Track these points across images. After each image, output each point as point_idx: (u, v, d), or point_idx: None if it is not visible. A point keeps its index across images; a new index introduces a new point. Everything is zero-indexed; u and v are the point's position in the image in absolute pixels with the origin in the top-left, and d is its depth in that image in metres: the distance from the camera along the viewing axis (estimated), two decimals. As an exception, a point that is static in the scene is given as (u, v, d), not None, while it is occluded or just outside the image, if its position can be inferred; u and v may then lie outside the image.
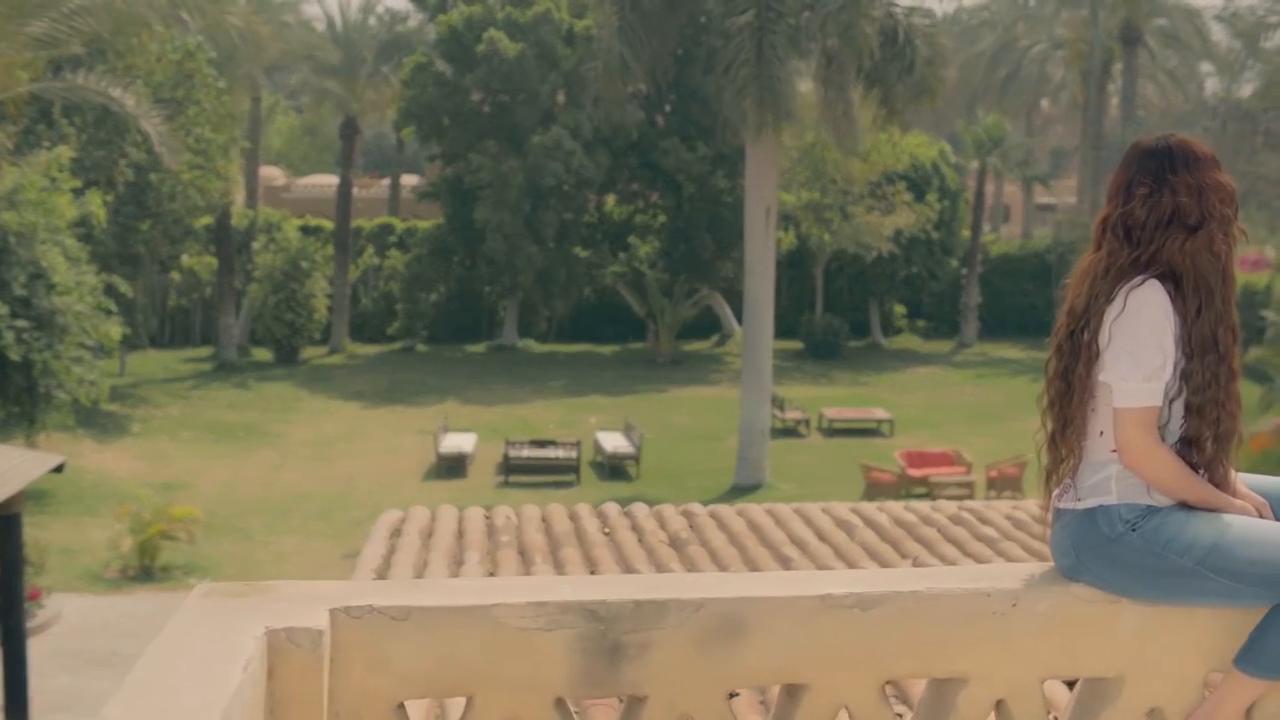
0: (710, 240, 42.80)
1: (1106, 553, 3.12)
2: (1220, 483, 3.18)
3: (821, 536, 7.07)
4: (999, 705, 3.21)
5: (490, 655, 3.02)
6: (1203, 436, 3.12)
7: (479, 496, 24.65)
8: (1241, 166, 35.65)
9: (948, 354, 46.63)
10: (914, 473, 26.52)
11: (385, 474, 29.11)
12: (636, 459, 29.20)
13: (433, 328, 45.73)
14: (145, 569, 21.27)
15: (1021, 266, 49.05)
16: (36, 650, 16.25)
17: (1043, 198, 62.59)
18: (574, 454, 28.52)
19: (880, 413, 34.36)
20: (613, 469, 29.25)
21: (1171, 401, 3.11)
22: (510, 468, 28.37)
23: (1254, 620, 3.17)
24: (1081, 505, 3.17)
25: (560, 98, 41.45)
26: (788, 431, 33.44)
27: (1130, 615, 3.18)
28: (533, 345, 45.88)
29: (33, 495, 26.55)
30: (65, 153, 23.96)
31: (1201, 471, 3.15)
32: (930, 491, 25.14)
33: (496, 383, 39.61)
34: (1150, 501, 3.12)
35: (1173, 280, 3.11)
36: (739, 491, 27.02)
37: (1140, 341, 3.07)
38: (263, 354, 43.06)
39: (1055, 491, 3.24)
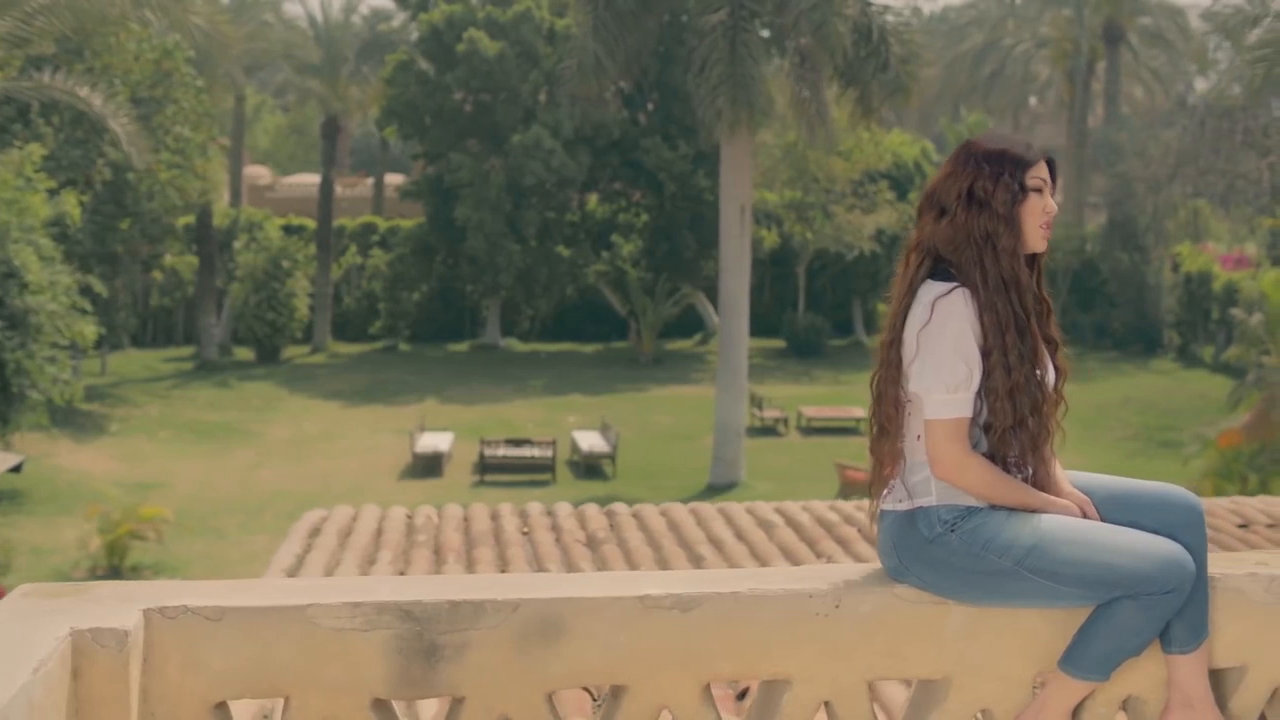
0: (692, 239, 42.79)
1: (926, 554, 3.11)
2: (1042, 482, 3.17)
3: (739, 536, 7.06)
4: (825, 707, 3.20)
5: (306, 656, 3.00)
6: (1010, 439, 3.10)
7: (454, 496, 24.62)
8: (1221, 165, 35.74)
9: (930, 353, 46.57)
10: (888, 471, 26.42)
11: (362, 473, 29.08)
12: (613, 458, 29.17)
13: (415, 327, 45.72)
14: (114, 569, 21.21)
15: (1005, 265, 48.98)
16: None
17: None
18: (550, 453, 28.49)
19: (859, 411, 34.31)
20: (589, 468, 29.23)
21: (980, 405, 3.09)
22: (486, 467, 28.34)
23: (1080, 621, 3.16)
24: (902, 507, 3.16)
25: (542, 97, 41.41)
26: (766, 430, 33.43)
27: (956, 616, 3.16)
28: (515, 344, 45.87)
29: (7, 494, 26.58)
30: (36, 151, 23.89)
31: (1017, 472, 3.13)
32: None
33: (477, 382, 39.59)
34: (970, 502, 3.10)
35: (974, 284, 3.08)
36: (714, 490, 27.00)
37: (944, 352, 3.05)
38: (244, 353, 43.03)
39: (883, 493, 3.22)
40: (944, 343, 3.05)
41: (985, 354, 3.07)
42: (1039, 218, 3.18)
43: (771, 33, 28.13)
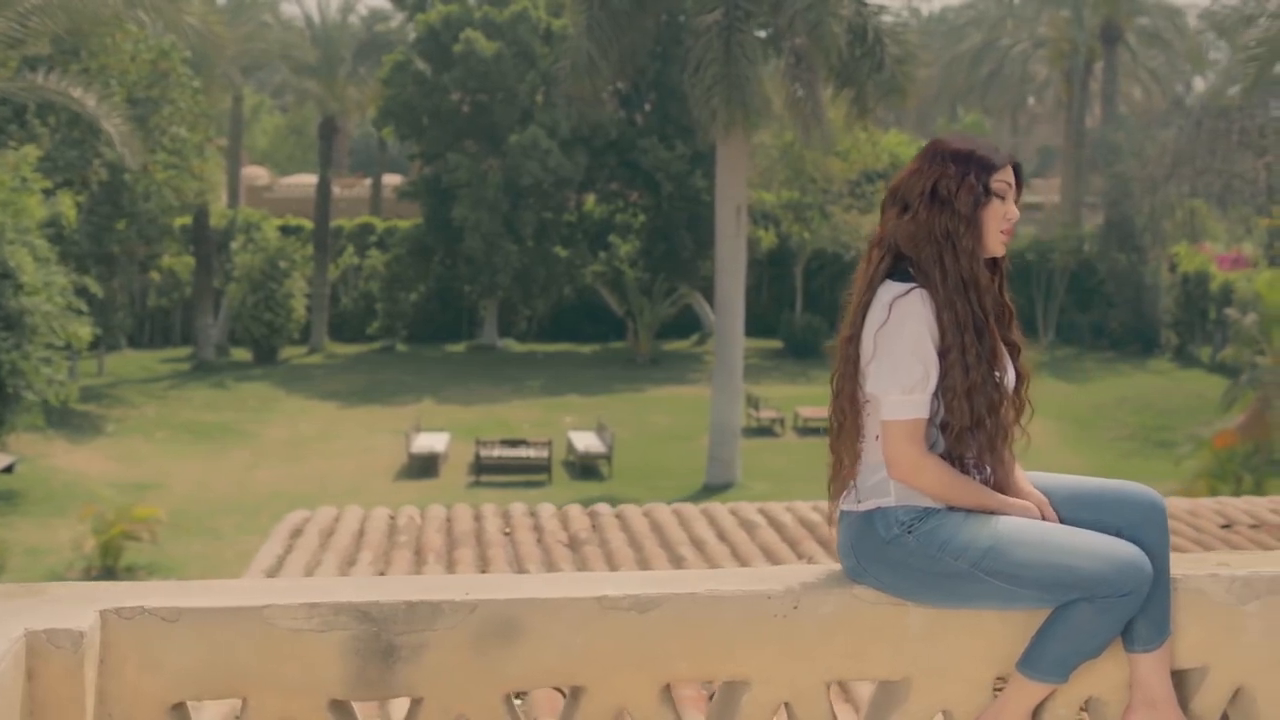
0: (689, 239, 42.77)
1: (884, 554, 3.10)
2: (1001, 484, 3.16)
3: (721, 536, 7.06)
4: (785, 708, 3.19)
5: (263, 657, 3.00)
6: (967, 439, 3.09)
7: (449, 496, 24.61)
8: (1217, 165, 35.71)
9: (928, 352, 46.58)
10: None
11: (358, 474, 29.08)
12: (609, 458, 29.17)
13: (412, 327, 45.71)
14: (108, 569, 21.21)
15: (1002, 265, 48.88)
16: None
17: (1029, 196, 62.54)
18: (545, 454, 28.49)
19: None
20: (584, 468, 29.23)
21: (938, 405, 3.08)
22: (481, 467, 28.34)
23: (1040, 622, 3.15)
24: (861, 507, 3.15)
25: (539, 97, 41.41)
26: (762, 430, 33.42)
27: (916, 618, 3.16)
28: (513, 345, 45.87)
29: (2, 495, 26.59)
30: (32, 153, 23.91)
31: (976, 473, 3.13)
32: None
33: (475, 382, 39.58)
34: (927, 504, 3.09)
35: (933, 284, 3.08)
36: (710, 491, 26.99)
37: (901, 353, 3.04)
38: (242, 354, 43.03)
39: (843, 494, 3.22)
40: (901, 343, 3.04)
41: (943, 354, 3.05)
42: (1000, 223, 3.18)
43: (768, 33, 28.13)
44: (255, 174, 60.20)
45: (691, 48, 26.76)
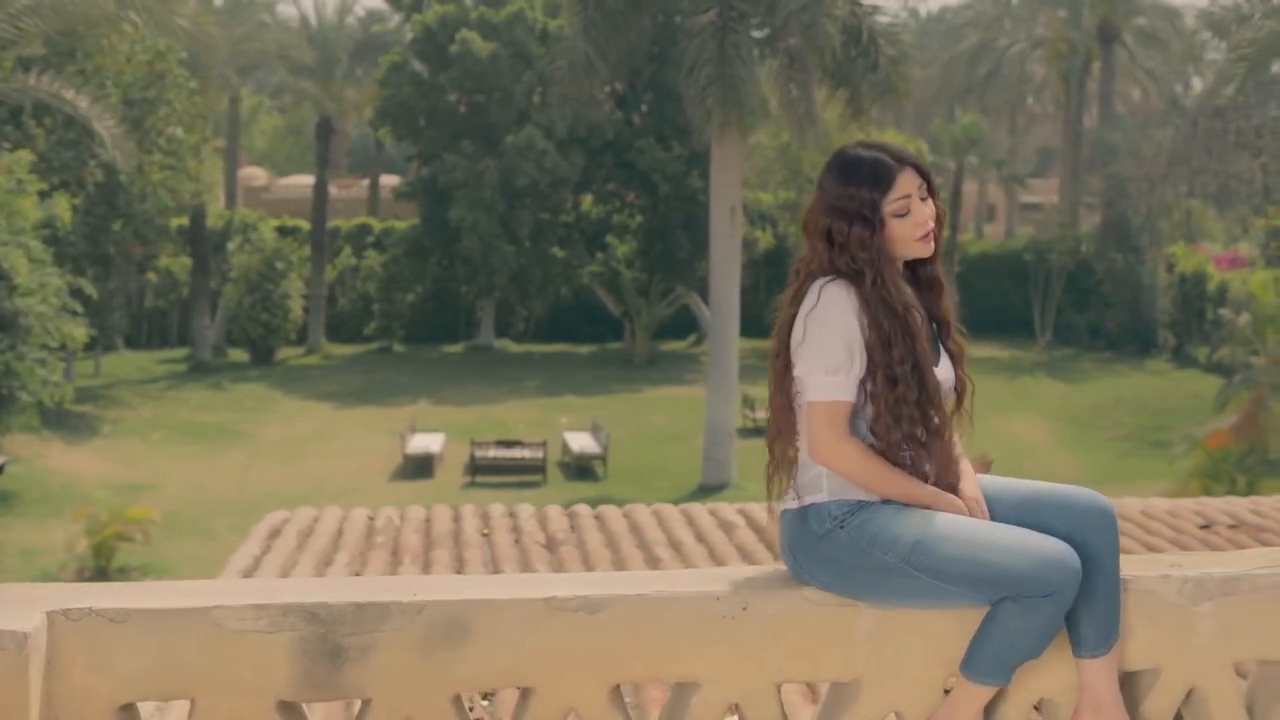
0: (686, 240, 42.76)
1: (817, 551, 3.10)
2: (940, 479, 3.15)
3: (700, 537, 7.06)
4: (735, 709, 3.19)
5: (211, 657, 3.01)
6: (898, 450, 3.09)
7: (444, 497, 24.60)
8: (1214, 165, 35.74)
9: (925, 353, 46.56)
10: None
11: (354, 474, 29.07)
12: (604, 459, 29.17)
13: (410, 328, 45.69)
14: (101, 570, 21.22)
15: (1000, 266, 48.95)
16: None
17: (1029, 197, 62.65)
18: (540, 454, 28.49)
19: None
20: (580, 469, 29.23)
21: (866, 399, 3.09)
22: (477, 468, 28.34)
23: (983, 623, 3.15)
24: (797, 504, 3.16)
25: (535, 97, 41.41)
26: (758, 431, 33.36)
27: (865, 619, 3.15)
28: (510, 345, 45.86)
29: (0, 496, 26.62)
30: (25, 156, 23.91)
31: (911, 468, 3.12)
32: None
33: (471, 383, 39.57)
34: (860, 496, 3.09)
35: (862, 281, 3.08)
36: (705, 491, 26.99)
37: (827, 336, 3.06)
38: (238, 355, 43.02)
39: (785, 495, 3.22)
40: (827, 326, 3.06)
41: (870, 359, 3.07)
42: (911, 233, 3.15)
43: (765, 34, 28.11)
44: (253, 175, 60.22)
45: (686, 48, 26.77)
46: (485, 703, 4.60)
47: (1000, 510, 3.17)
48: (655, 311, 43.58)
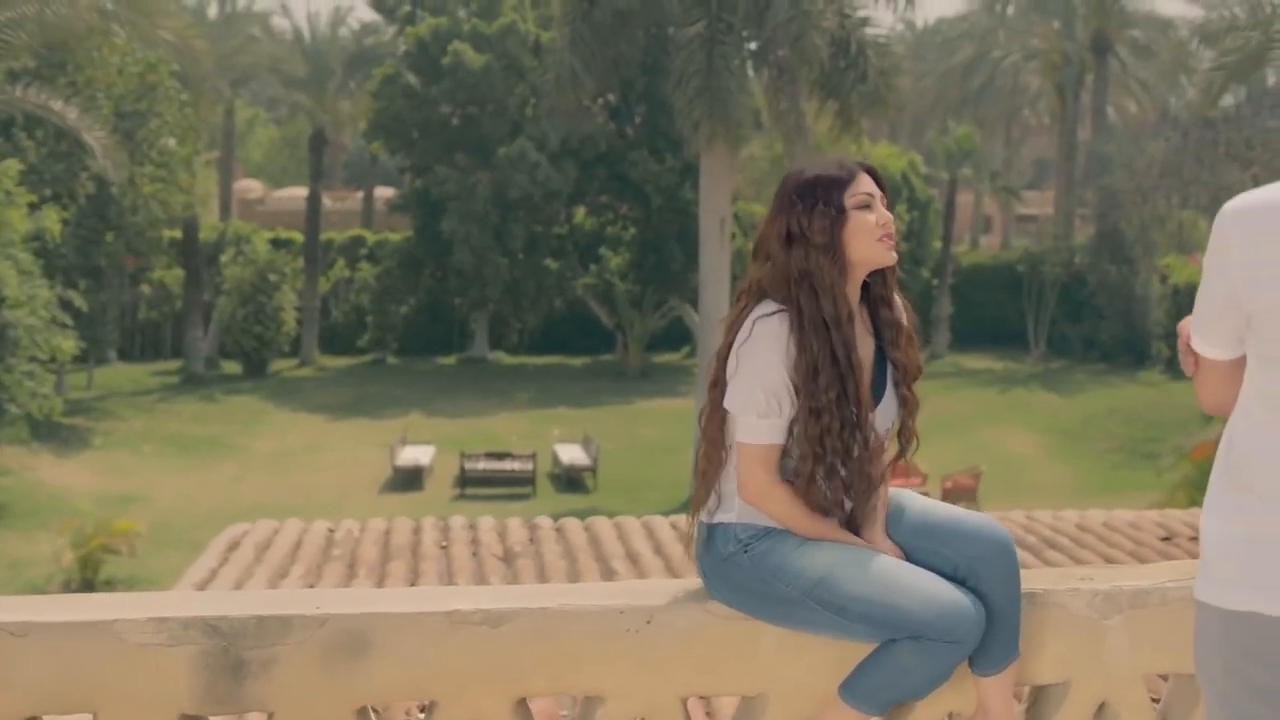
0: (679, 252, 42.76)
1: (721, 570, 3.10)
2: (857, 525, 3.13)
3: (658, 550, 7.05)
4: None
5: (112, 671, 3.00)
6: (817, 486, 3.05)
7: (433, 509, 24.55)
8: (1205, 176, 35.71)
9: (919, 365, 46.56)
10: (868, 484, 26.44)
11: (344, 487, 29.06)
12: (594, 471, 29.16)
13: (403, 340, 45.70)
14: (87, 582, 21.21)
15: (994, 277, 48.99)
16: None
17: (1025, 209, 62.69)
18: (530, 466, 28.49)
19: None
20: (570, 481, 29.23)
21: (793, 438, 3.05)
22: (466, 480, 28.34)
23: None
24: (710, 520, 3.15)
25: (528, 110, 41.46)
26: (750, 443, 33.36)
27: (770, 634, 3.14)
28: (504, 357, 45.85)
29: (-13, 508, 26.62)
30: (13, 166, 23.94)
31: (834, 511, 3.09)
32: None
33: (464, 395, 39.56)
34: (767, 523, 3.07)
35: (797, 312, 3.03)
36: (694, 503, 26.94)
37: (759, 375, 3.01)
38: (231, 367, 43.01)
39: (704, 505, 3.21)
40: (756, 364, 3.02)
41: (798, 391, 3.02)
42: (872, 232, 3.11)
43: (757, 46, 28.12)
44: (248, 187, 60.27)
45: (676, 60, 26.80)
46: (422, 715, 4.59)
47: (898, 532, 3.16)
48: (648, 324, 43.58)
